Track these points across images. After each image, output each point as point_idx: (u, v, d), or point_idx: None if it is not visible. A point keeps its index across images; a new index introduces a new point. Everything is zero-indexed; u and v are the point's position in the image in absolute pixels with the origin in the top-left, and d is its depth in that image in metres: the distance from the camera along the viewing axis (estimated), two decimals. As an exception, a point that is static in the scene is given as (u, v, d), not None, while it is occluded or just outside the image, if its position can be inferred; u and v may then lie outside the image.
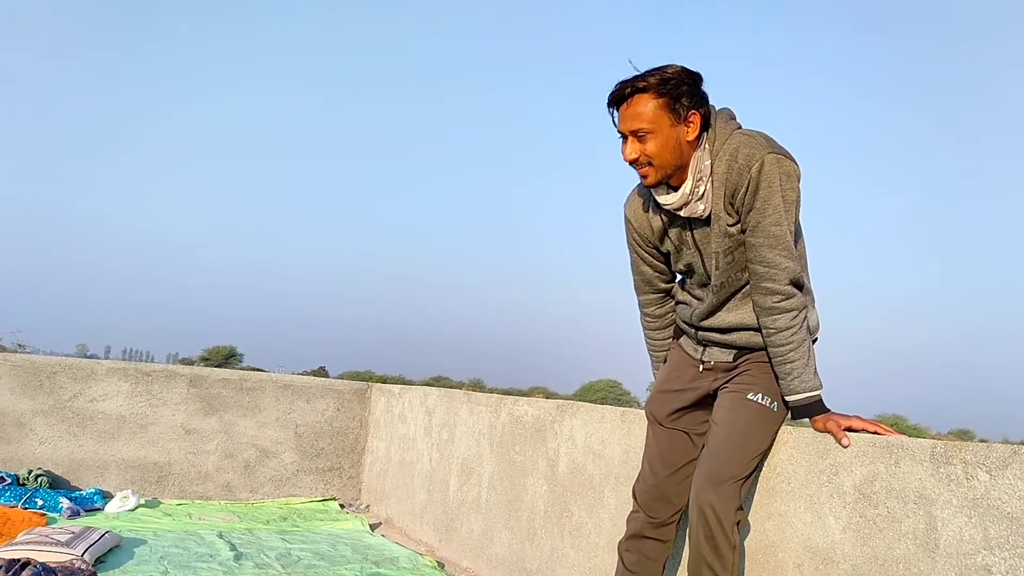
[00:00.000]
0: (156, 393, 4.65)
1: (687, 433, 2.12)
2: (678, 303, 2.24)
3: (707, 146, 1.94)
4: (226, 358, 48.06)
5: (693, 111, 1.92)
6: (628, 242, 2.22)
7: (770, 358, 1.98)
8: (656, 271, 2.21)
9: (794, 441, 2.00)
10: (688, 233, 2.04)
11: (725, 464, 1.91)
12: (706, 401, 2.11)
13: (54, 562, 2.73)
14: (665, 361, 2.29)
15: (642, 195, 2.14)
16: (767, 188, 1.87)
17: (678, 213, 1.99)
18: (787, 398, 1.96)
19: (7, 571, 2.54)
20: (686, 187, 1.94)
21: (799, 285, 1.95)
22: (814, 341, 2.06)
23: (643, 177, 1.98)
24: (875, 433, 1.84)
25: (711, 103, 1.97)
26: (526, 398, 3.48)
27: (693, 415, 2.13)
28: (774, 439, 2.02)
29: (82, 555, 2.84)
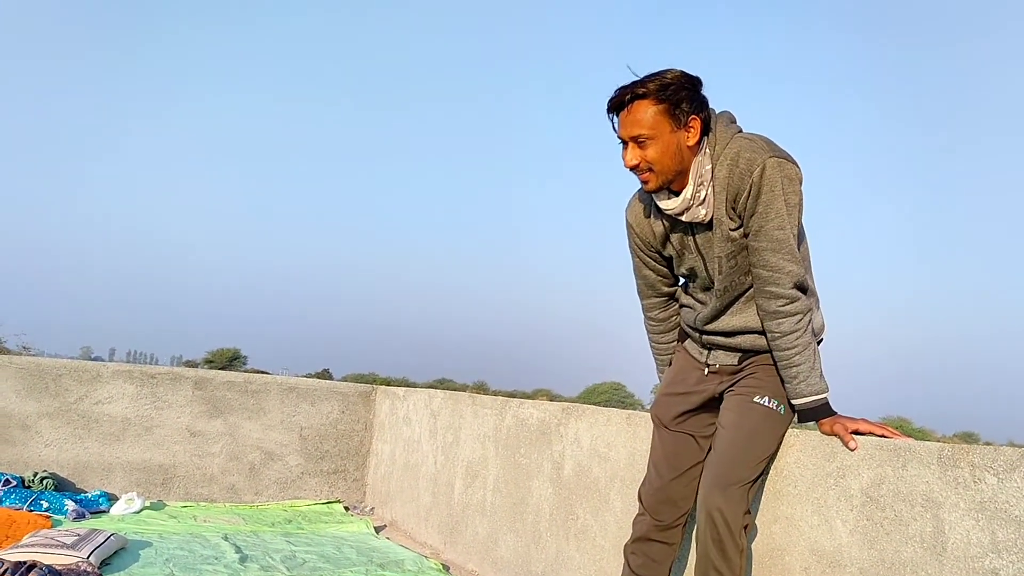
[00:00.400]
0: (161, 396, 4.66)
1: (693, 436, 2.12)
2: (682, 307, 2.23)
3: (708, 151, 1.94)
4: (230, 360, 48.18)
5: (693, 116, 1.91)
6: (630, 247, 2.21)
7: (775, 361, 1.98)
8: (659, 275, 2.21)
9: (801, 444, 2.00)
10: (690, 238, 2.04)
11: (732, 467, 1.91)
12: (712, 404, 2.10)
13: (60, 564, 2.74)
14: (670, 364, 2.28)
15: (643, 200, 2.13)
16: (769, 192, 1.86)
17: (680, 218, 1.99)
18: (793, 401, 1.95)
19: (13, 573, 2.55)
20: (687, 192, 1.94)
21: (803, 288, 1.95)
22: (819, 343, 2.05)
23: (644, 183, 1.97)
24: (882, 436, 1.84)
25: (711, 107, 1.97)
26: (531, 401, 3.47)
27: (699, 418, 2.12)
28: (781, 442, 2.02)
29: (87, 557, 2.85)
